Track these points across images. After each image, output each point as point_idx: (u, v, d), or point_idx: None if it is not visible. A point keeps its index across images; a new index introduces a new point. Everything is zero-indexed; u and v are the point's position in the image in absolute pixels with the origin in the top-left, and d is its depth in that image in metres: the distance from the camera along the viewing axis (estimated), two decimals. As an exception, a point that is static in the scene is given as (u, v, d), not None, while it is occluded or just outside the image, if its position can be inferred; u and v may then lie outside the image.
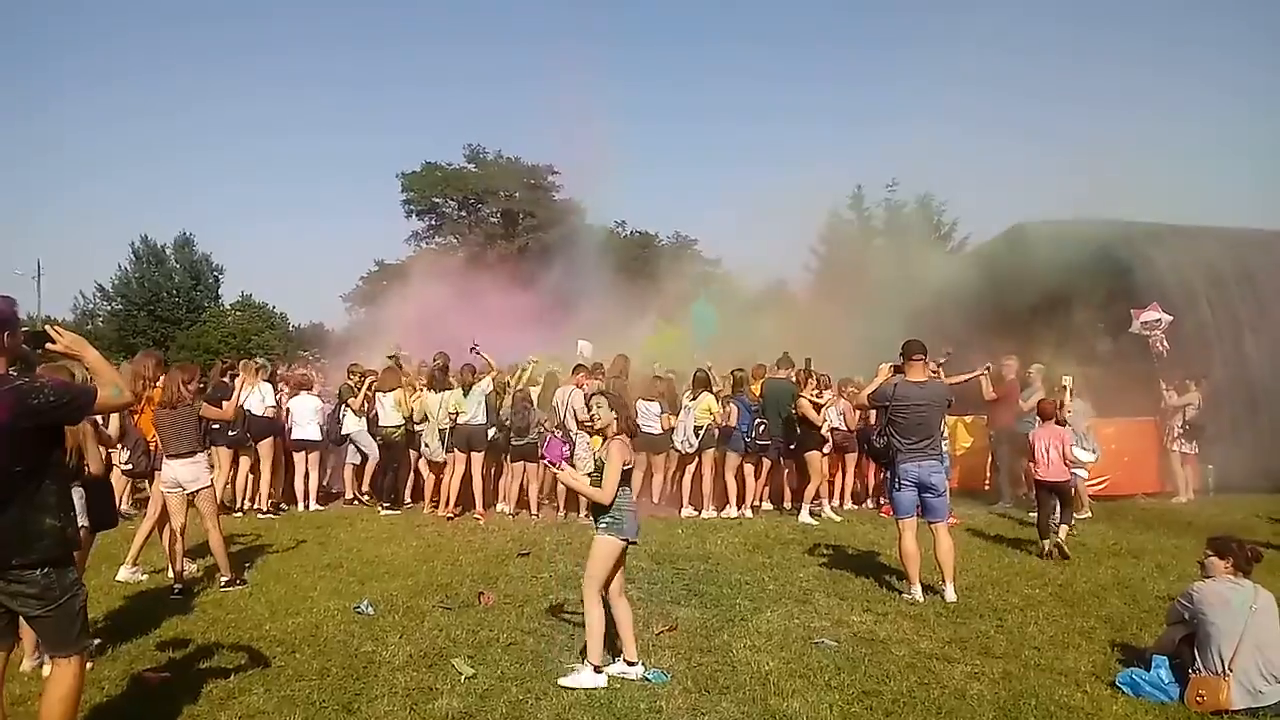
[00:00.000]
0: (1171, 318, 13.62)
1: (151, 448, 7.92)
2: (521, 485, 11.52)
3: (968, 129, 66.27)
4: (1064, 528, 9.30)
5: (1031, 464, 9.67)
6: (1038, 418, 9.81)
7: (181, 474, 7.35)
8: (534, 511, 11.36)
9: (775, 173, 63.97)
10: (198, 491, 7.44)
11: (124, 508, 10.65)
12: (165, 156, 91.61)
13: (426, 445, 11.42)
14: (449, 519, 10.90)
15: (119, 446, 8.40)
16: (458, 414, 11.01)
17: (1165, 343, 13.60)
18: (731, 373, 12.01)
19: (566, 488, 11.29)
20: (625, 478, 5.28)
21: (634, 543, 5.41)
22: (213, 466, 8.45)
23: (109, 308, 52.07)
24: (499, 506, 11.64)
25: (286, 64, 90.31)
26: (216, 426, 10.33)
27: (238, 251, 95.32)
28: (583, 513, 11.03)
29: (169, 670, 5.39)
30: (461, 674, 5.33)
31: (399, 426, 11.76)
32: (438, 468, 11.53)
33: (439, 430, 11.26)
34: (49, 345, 3.79)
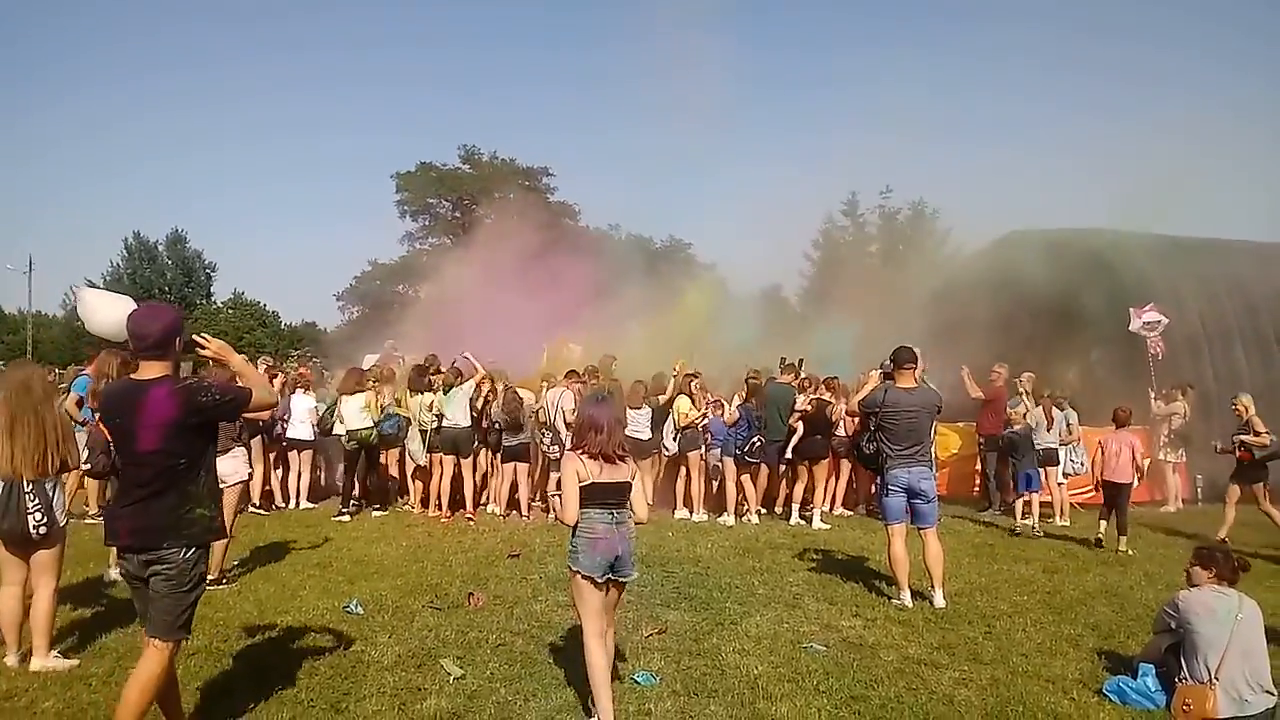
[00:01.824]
0: (1169, 320, 13.72)
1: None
2: (513, 486, 11.49)
3: (963, 137, 66.57)
4: (1121, 539, 9.83)
5: (1099, 462, 10.32)
6: (1111, 423, 10.40)
7: (223, 469, 7.46)
8: (524, 513, 11.35)
9: (771, 178, 64.17)
10: (231, 486, 7.51)
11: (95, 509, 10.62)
12: (158, 153, 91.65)
13: (409, 451, 11.37)
14: (442, 521, 10.88)
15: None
16: (441, 415, 11.00)
17: (1162, 344, 13.70)
18: (745, 380, 11.98)
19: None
20: (599, 496, 4.62)
21: (590, 579, 4.57)
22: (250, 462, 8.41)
23: (100, 304, 51.79)
24: (489, 508, 11.62)
25: (281, 62, 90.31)
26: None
27: (230, 249, 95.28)
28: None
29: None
30: (450, 675, 5.33)
31: (371, 429, 11.46)
32: (423, 470, 11.51)
33: (420, 433, 11.22)
34: (198, 350, 4.21)
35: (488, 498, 11.86)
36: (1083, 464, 11.95)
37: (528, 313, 18.40)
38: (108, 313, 4.78)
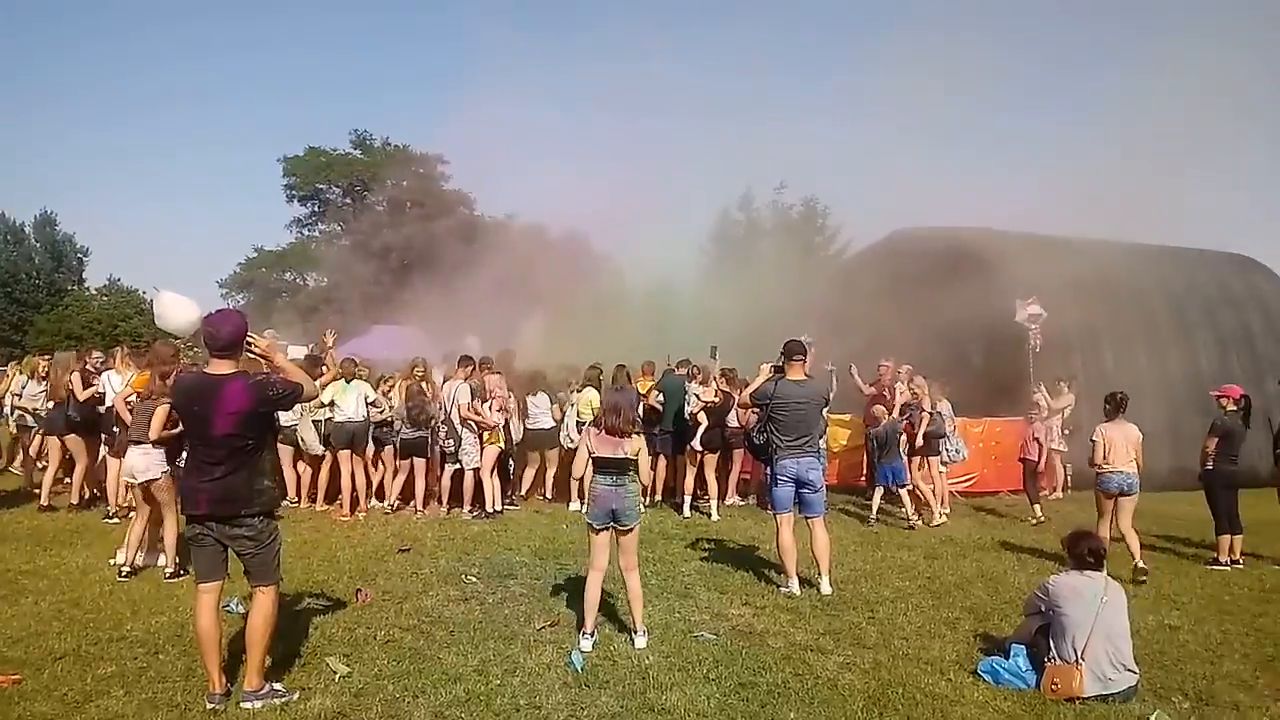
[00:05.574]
0: (1046, 314, 14.31)
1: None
2: (409, 480, 11.23)
3: (857, 134, 67.92)
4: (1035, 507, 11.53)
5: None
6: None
7: (138, 463, 7.52)
8: (420, 506, 11.12)
9: (669, 169, 64.26)
10: (152, 481, 7.48)
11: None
12: (24, 128, 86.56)
13: (303, 440, 10.98)
14: (328, 514, 10.56)
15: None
16: (332, 404, 10.67)
17: (1040, 337, 14.27)
18: (615, 369, 12.05)
19: (453, 484, 11.15)
20: (601, 466, 5.88)
21: (590, 525, 5.96)
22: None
23: (-40, 289, 48.85)
24: (381, 502, 11.35)
25: (161, 34, 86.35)
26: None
27: (105, 233, 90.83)
28: (466, 508, 10.87)
29: (20, 673, 5.09)
30: (336, 673, 5.21)
31: None
32: (314, 461, 11.17)
33: (313, 422, 10.86)
34: (249, 349, 4.82)
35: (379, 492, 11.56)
36: (958, 451, 12.37)
37: (423, 305, 18.12)
38: (179, 313, 5.95)
